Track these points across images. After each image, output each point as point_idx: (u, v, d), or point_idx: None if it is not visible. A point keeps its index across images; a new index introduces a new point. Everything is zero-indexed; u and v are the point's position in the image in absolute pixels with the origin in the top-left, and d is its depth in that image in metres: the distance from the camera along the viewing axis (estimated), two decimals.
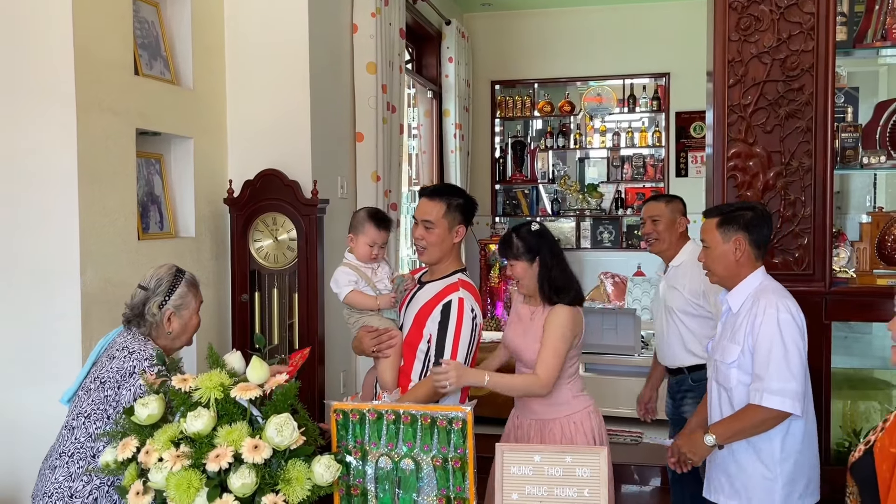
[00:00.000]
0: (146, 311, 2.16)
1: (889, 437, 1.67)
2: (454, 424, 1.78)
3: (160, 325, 2.17)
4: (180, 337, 2.23)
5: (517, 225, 2.66)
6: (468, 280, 2.55)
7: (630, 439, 4.65)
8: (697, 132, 7.01)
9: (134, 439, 1.78)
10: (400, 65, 4.67)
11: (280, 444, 1.69)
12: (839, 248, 3.51)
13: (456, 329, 2.42)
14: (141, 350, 2.11)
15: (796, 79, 3.34)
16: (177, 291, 2.19)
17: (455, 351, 2.42)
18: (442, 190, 2.58)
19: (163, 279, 2.19)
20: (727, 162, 3.43)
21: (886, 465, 1.64)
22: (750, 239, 2.40)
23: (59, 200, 2.73)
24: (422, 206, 2.54)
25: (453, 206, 2.51)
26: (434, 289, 2.52)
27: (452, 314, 2.43)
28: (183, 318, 2.21)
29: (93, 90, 2.79)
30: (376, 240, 2.56)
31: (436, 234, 2.49)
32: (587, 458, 1.65)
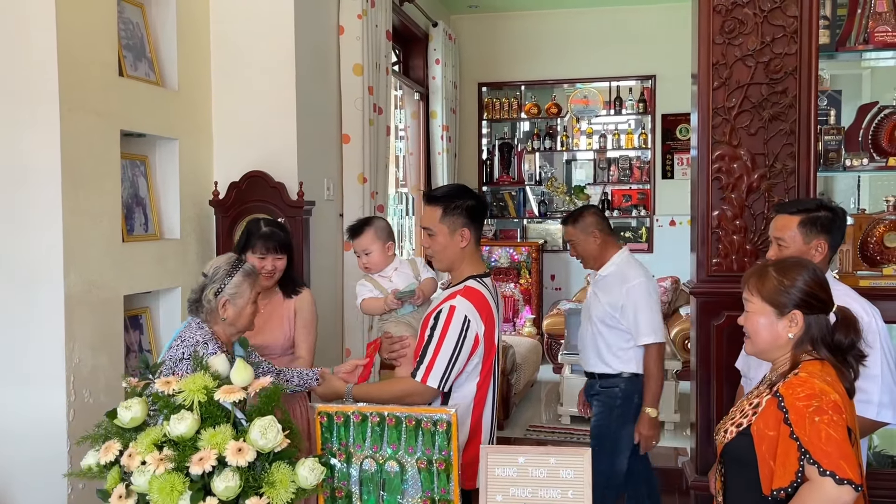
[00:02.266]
0: (203, 297, 2.28)
1: (764, 421, 1.79)
2: (439, 426, 1.78)
3: (215, 311, 2.27)
4: (235, 324, 2.32)
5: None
6: (477, 287, 2.36)
7: None
8: (683, 134, 7.05)
9: (117, 442, 1.77)
10: (387, 66, 4.66)
11: (264, 446, 1.69)
12: None
13: (437, 341, 2.26)
14: (190, 336, 2.22)
15: (780, 82, 3.37)
16: (232, 280, 2.28)
17: (432, 363, 2.24)
18: (441, 193, 2.44)
19: (220, 267, 2.30)
20: (712, 164, 3.45)
21: (765, 446, 1.78)
22: (831, 242, 2.36)
23: (42, 202, 2.70)
24: (423, 212, 2.47)
25: (452, 209, 2.37)
26: (442, 297, 2.42)
27: (440, 323, 2.27)
28: (237, 306, 2.29)
29: (77, 91, 2.77)
30: (354, 249, 2.68)
31: (437, 241, 2.38)
32: (571, 459, 1.66)
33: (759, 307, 1.88)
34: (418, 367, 2.27)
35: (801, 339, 1.86)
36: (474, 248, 2.43)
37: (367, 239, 2.64)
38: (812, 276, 1.87)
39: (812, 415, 1.71)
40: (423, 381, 2.24)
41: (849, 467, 1.67)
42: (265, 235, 2.76)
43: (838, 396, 1.75)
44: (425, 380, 2.24)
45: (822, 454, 1.68)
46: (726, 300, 3.41)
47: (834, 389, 1.77)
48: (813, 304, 1.85)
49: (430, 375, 2.24)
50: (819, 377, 1.79)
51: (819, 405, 1.72)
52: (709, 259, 3.47)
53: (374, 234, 2.64)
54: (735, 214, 3.44)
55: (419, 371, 2.26)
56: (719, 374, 3.45)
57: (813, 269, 1.89)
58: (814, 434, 1.70)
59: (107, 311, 2.95)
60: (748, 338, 1.94)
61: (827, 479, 1.66)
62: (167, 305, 3.43)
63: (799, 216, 2.36)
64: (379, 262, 2.64)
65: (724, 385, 3.45)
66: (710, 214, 3.47)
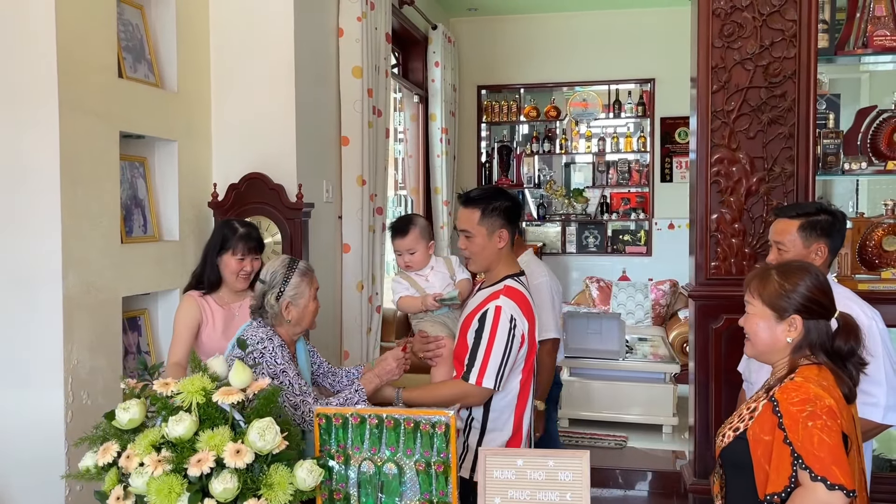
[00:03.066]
0: (265, 303, 2.31)
1: (759, 425, 1.80)
2: (437, 429, 1.78)
3: (279, 314, 2.31)
4: (300, 323, 2.36)
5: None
6: (516, 286, 2.40)
7: (614, 443, 4.66)
8: (682, 137, 7.06)
9: (115, 444, 1.77)
10: (386, 69, 4.66)
11: (262, 448, 1.69)
12: None
13: (488, 340, 2.28)
14: (253, 335, 2.27)
15: (779, 85, 3.38)
16: (291, 282, 2.31)
17: (485, 364, 2.27)
18: (478, 195, 2.44)
19: (277, 272, 2.33)
20: (711, 167, 3.46)
21: (761, 450, 1.78)
22: (831, 246, 2.36)
23: (41, 203, 2.70)
24: (459, 214, 2.47)
25: (489, 211, 2.39)
26: (481, 296, 2.42)
27: (486, 324, 2.30)
28: (299, 305, 2.33)
29: (76, 92, 2.77)
30: (397, 248, 2.66)
31: (475, 243, 2.40)
32: (570, 462, 1.66)
33: (759, 310, 1.88)
34: (469, 369, 2.28)
35: (799, 344, 1.86)
36: (510, 249, 2.46)
37: (412, 238, 2.63)
38: (815, 281, 1.86)
39: (805, 420, 1.71)
40: (479, 383, 2.27)
41: (841, 473, 1.67)
42: (244, 236, 2.76)
43: (833, 401, 1.75)
44: (481, 381, 2.27)
45: (814, 459, 1.68)
46: (725, 303, 3.42)
47: (829, 394, 1.76)
48: (813, 310, 1.85)
49: (486, 376, 2.27)
50: (815, 382, 1.78)
51: (813, 410, 1.72)
52: (707, 262, 3.48)
53: (418, 233, 2.64)
54: (734, 218, 3.45)
55: (472, 373, 2.28)
56: (718, 377, 3.46)
57: (816, 275, 1.88)
58: (806, 439, 1.69)
59: (105, 313, 2.94)
60: (748, 339, 1.94)
61: (818, 485, 1.66)
62: (165, 307, 3.43)
63: (799, 220, 2.36)
64: (421, 262, 2.64)
65: (723, 388, 3.45)
66: (709, 218, 3.48)
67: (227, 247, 2.74)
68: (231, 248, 2.74)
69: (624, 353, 5.05)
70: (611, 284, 6.95)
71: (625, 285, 6.89)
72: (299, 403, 2.19)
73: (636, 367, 5.01)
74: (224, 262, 2.76)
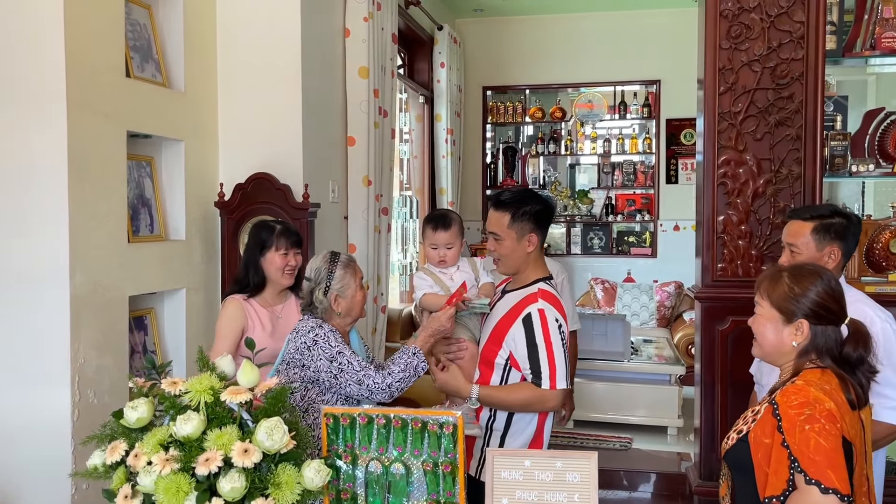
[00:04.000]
0: (314, 299, 2.38)
1: (761, 428, 1.78)
2: (445, 429, 1.77)
3: (329, 308, 2.37)
4: (350, 313, 2.42)
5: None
6: (549, 289, 2.38)
7: (619, 445, 4.65)
8: (688, 139, 7.05)
9: (122, 442, 1.77)
10: (392, 69, 4.67)
11: (270, 448, 1.68)
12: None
13: (546, 344, 2.26)
14: (303, 327, 2.35)
15: (786, 87, 3.38)
16: (335, 276, 2.37)
17: (553, 366, 2.26)
18: (509, 198, 2.40)
19: (321, 268, 2.39)
20: (717, 169, 3.45)
21: (761, 453, 1.77)
22: (844, 250, 2.33)
23: (48, 202, 2.70)
24: (489, 217, 2.43)
25: (520, 214, 2.35)
26: (512, 300, 2.38)
27: (537, 329, 2.28)
28: (347, 297, 2.39)
29: (84, 92, 2.78)
30: (435, 241, 2.59)
31: (505, 247, 2.37)
32: (578, 463, 1.66)
33: (767, 311, 1.87)
34: (538, 375, 2.26)
35: (805, 349, 1.85)
36: (539, 253, 2.43)
37: (453, 232, 2.58)
38: (826, 286, 1.84)
39: (803, 423, 1.70)
40: (554, 386, 2.26)
41: (836, 477, 1.65)
42: (285, 231, 2.82)
43: (834, 405, 1.73)
44: (555, 384, 2.26)
45: (810, 462, 1.66)
46: (731, 305, 3.41)
47: (831, 398, 1.74)
48: (822, 316, 1.83)
49: (558, 378, 2.27)
50: (816, 385, 1.77)
51: (811, 413, 1.71)
52: (714, 264, 3.47)
53: (457, 228, 2.61)
54: (740, 219, 3.44)
55: (543, 378, 2.26)
56: (724, 379, 3.45)
57: (828, 280, 1.86)
58: (803, 442, 1.68)
59: (112, 312, 2.95)
60: (755, 340, 1.93)
61: (812, 488, 1.65)
62: (172, 306, 3.43)
63: (812, 222, 2.33)
64: (455, 258, 2.60)
65: (729, 390, 3.45)
66: (716, 219, 3.47)
67: (269, 245, 2.79)
68: (273, 245, 2.78)
69: (629, 355, 5.04)
70: (616, 286, 6.94)
71: (630, 287, 6.88)
72: (363, 378, 2.27)
73: (641, 368, 5.00)
74: (268, 260, 2.80)
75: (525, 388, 2.30)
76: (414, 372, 2.35)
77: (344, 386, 2.31)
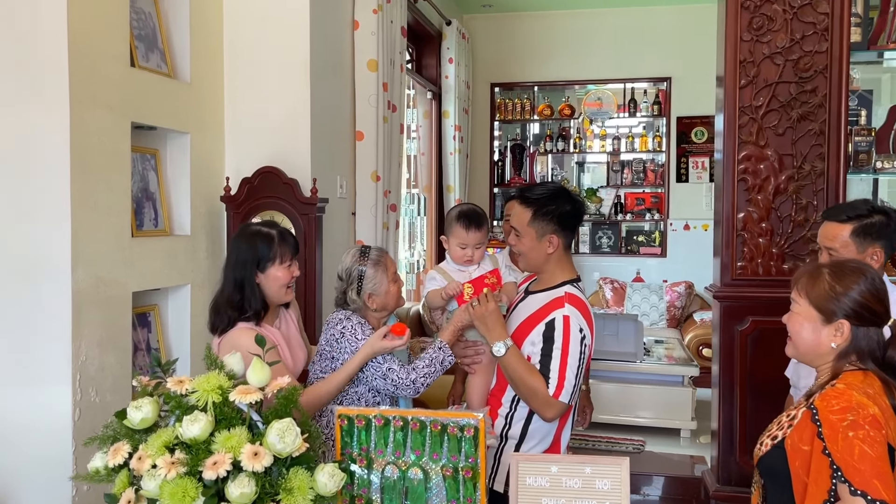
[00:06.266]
0: (347, 298, 2.34)
1: (798, 434, 1.69)
2: (465, 432, 1.69)
3: (363, 307, 2.33)
4: (385, 308, 2.36)
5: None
6: (577, 293, 2.24)
7: (632, 448, 4.56)
8: (698, 137, 6.95)
9: (126, 444, 1.68)
10: (401, 63, 4.58)
11: (282, 451, 1.60)
12: None
13: (562, 353, 2.13)
14: (332, 318, 2.33)
15: (809, 80, 3.28)
16: (366, 276, 2.31)
17: (562, 378, 2.12)
18: (536, 195, 2.26)
19: (351, 269, 2.33)
20: (737, 164, 3.36)
21: (799, 461, 1.67)
22: (887, 249, 2.21)
23: (50, 195, 2.62)
24: (513, 209, 2.31)
25: (542, 213, 2.22)
26: (536, 302, 2.26)
27: (557, 335, 2.14)
28: (380, 293, 2.33)
29: (87, 82, 2.69)
30: (466, 241, 2.45)
31: (524, 244, 2.26)
32: (608, 469, 1.56)
33: (804, 310, 1.77)
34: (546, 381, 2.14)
35: (845, 351, 1.75)
36: (564, 253, 2.30)
37: (484, 232, 2.48)
38: (870, 286, 1.73)
39: (846, 429, 1.60)
40: (556, 396, 2.13)
41: (883, 487, 1.55)
42: (283, 238, 2.37)
43: (878, 410, 1.63)
44: (558, 395, 2.13)
45: (854, 472, 1.56)
46: (751, 305, 3.32)
47: (875, 403, 1.65)
48: (864, 317, 1.73)
49: (563, 391, 2.13)
50: (859, 389, 1.67)
51: (854, 419, 1.61)
52: (733, 262, 3.38)
53: (487, 228, 2.51)
54: (761, 217, 3.35)
55: (549, 386, 2.13)
56: (743, 381, 3.36)
57: (872, 279, 1.75)
58: (846, 450, 1.58)
59: (115, 308, 2.86)
60: (790, 339, 1.83)
61: (858, 499, 1.55)
62: (176, 303, 3.35)
63: (851, 224, 2.22)
64: (481, 258, 2.50)
65: (748, 393, 3.36)
66: (736, 216, 3.38)
67: (269, 257, 2.31)
68: (276, 256, 2.32)
69: (642, 356, 4.94)
70: (625, 286, 6.84)
71: (639, 286, 6.79)
72: (387, 372, 2.22)
73: (654, 369, 4.91)
74: (270, 277, 2.32)
75: (542, 381, 2.17)
76: (440, 366, 2.26)
77: (370, 379, 2.24)
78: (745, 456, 3.37)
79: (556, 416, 2.18)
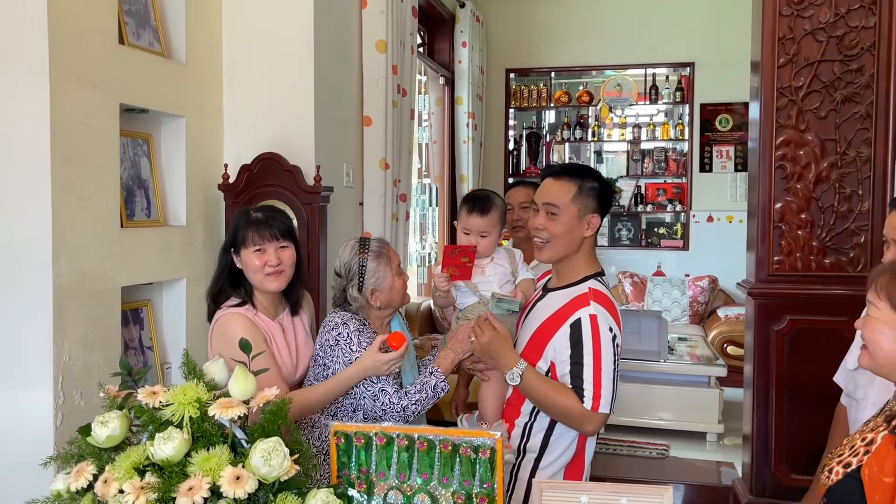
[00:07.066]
0: (348, 297, 2.15)
1: (878, 462, 1.43)
2: (481, 453, 1.46)
3: (366, 305, 2.16)
4: (390, 305, 2.20)
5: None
6: (602, 289, 2.03)
7: (656, 453, 4.31)
8: (723, 125, 6.67)
9: (90, 464, 1.47)
10: (412, 45, 4.35)
11: (267, 475, 1.38)
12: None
13: (594, 358, 1.91)
14: (329, 321, 2.15)
15: (855, 58, 3.03)
16: (368, 270, 2.13)
17: (598, 386, 1.91)
18: (572, 169, 2.08)
19: (350, 262, 2.15)
20: (775, 151, 3.11)
21: (880, 496, 1.41)
22: None
23: (28, 181, 2.41)
24: (545, 186, 2.06)
25: (586, 189, 2.01)
26: (558, 301, 2.03)
27: (586, 339, 1.92)
28: (384, 289, 2.16)
29: (69, 59, 2.48)
30: (469, 226, 2.22)
31: (561, 223, 2.00)
32: (648, 500, 1.33)
33: (886, 315, 1.51)
34: (580, 395, 1.92)
35: None
36: (594, 242, 2.09)
37: (491, 220, 2.22)
38: None
39: None
40: (595, 409, 1.91)
41: None
42: (256, 222, 2.21)
43: None
44: (597, 407, 1.91)
45: None
46: (789, 303, 3.08)
47: None
48: None
49: (601, 401, 1.92)
50: None
51: None
52: (770, 257, 3.13)
53: (497, 215, 2.24)
54: (800, 207, 3.10)
55: (584, 399, 1.91)
56: (780, 384, 3.12)
57: None
58: None
59: (102, 304, 2.65)
60: (865, 348, 1.57)
61: None
62: (171, 298, 3.14)
63: None
64: (489, 249, 2.24)
65: (785, 397, 3.12)
66: (772, 207, 3.13)
67: (240, 240, 2.21)
68: (242, 241, 2.20)
69: (666, 355, 4.69)
70: (645, 280, 6.59)
71: (660, 281, 6.54)
72: (378, 393, 2.04)
73: (679, 369, 4.65)
74: (244, 260, 2.21)
75: (572, 396, 1.95)
76: (433, 391, 2.07)
77: (359, 397, 2.02)
78: (781, 465, 3.13)
79: (598, 428, 1.98)
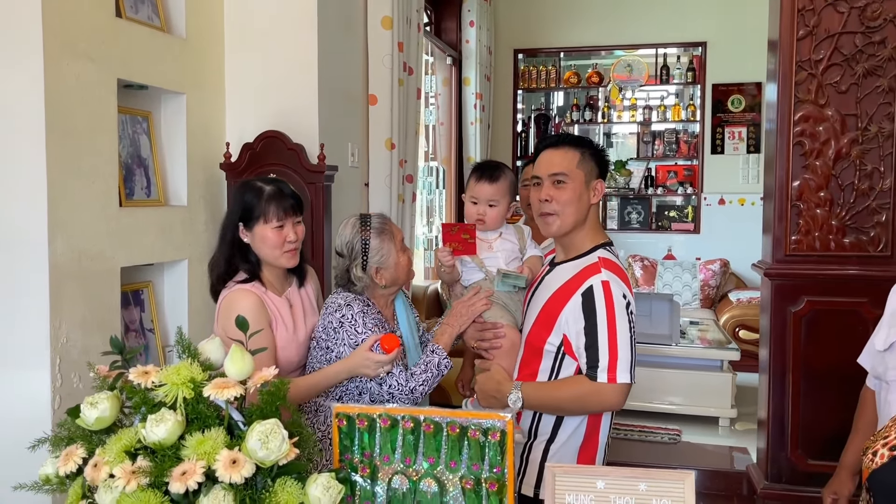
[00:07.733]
0: (352, 276, 2.08)
1: None
2: (490, 436, 1.38)
3: (371, 284, 2.09)
4: (395, 282, 2.13)
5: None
6: (612, 258, 1.95)
7: (668, 438, 4.24)
8: (735, 106, 6.54)
9: (80, 448, 1.41)
10: (418, 22, 4.25)
11: (265, 458, 1.31)
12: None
13: (608, 326, 1.82)
14: (332, 303, 2.08)
15: (877, 30, 2.92)
16: (371, 247, 2.06)
17: (614, 354, 1.82)
18: (569, 137, 2.03)
19: (353, 241, 2.08)
20: (793, 127, 3.01)
21: None
22: None
23: (23, 159, 2.34)
24: (546, 158, 1.99)
25: (589, 155, 1.97)
26: (566, 272, 1.95)
27: (599, 306, 1.83)
28: (389, 267, 2.09)
29: (65, 32, 2.40)
30: (476, 195, 2.15)
31: (570, 191, 1.92)
32: (668, 485, 1.26)
33: None
34: (594, 365, 1.84)
35: None
36: (598, 212, 2.05)
37: (500, 187, 2.14)
38: None
39: None
40: (613, 380, 1.83)
41: None
42: (277, 193, 2.13)
43: None
44: (614, 378, 1.83)
45: None
46: (807, 284, 2.99)
47: None
48: None
49: (619, 370, 1.83)
50: None
51: None
52: (787, 237, 3.04)
53: (506, 184, 2.16)
54: (819, 185, 3.00)
55: (599, 371, 1.84)
56: (796, 368, 3.03)
57: None
58: None
59: (100, 285, 2.59)
60: None
61: None
62: (172, 279, 3.07)
63: None
64: (497, 220, 2.16)
65: (802, 380, 3.03)
66: (790, 185, 3.03)
67: (255, 215, 2.11)
68: (261, 215, 2.10)
69: (678, 338, 4.61)
70: (656, 263, 6.50)
71: (671, 264, 6.44)
72: (385, 375, 1.98)
73: (691, 353, 4.58)
74: (258, 236, 2.12)
75: (576, 382, 1.88)
76: (437, 371, 2.02)
77: (365, 380, 1.95)
78: (798, 451, 3.05)
79: (621, 399, 1.88)
